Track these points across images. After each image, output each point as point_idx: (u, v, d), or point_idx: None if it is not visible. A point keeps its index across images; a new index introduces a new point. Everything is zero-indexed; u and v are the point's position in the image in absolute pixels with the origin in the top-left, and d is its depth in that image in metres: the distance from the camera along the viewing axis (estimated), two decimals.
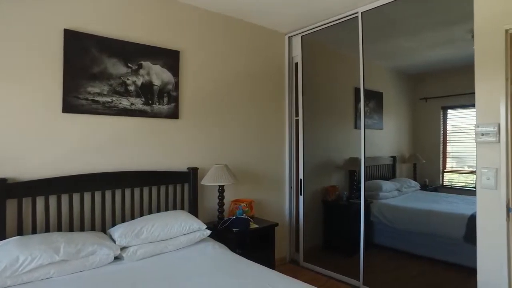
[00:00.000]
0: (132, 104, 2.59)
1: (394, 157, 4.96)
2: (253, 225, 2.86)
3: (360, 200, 3.15)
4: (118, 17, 2.56)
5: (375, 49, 4.29)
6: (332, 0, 2.93)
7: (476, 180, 2.15)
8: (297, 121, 3.68)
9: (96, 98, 2.41)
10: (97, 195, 2.42)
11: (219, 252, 2.37)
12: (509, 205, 1.99)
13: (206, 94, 3.09)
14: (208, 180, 2.80)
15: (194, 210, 2.87)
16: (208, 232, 2.50)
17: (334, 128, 4.12)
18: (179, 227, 2.37)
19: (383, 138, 4.87)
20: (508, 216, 1.99)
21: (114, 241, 2.14)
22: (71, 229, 2.30)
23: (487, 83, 2.07)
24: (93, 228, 2.39)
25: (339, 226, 3.81)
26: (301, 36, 3.64)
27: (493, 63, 2.03)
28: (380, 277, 3.29)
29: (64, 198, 2.28)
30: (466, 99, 3.05)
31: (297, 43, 3.69)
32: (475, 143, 2.13)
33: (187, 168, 2.91)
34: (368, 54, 4.27)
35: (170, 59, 2.81)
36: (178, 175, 2.84)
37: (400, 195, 4.35)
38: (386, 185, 4.23)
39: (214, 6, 3.06)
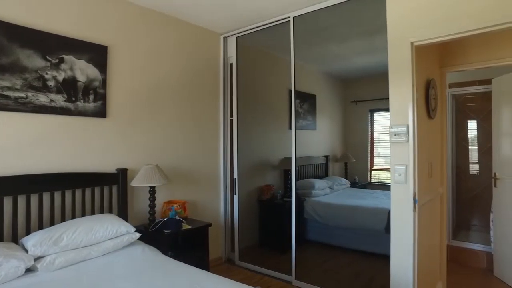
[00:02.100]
0: (52, 100, 2.40)
1: (327, 157, 5.24)
2: (186, 226, 2.82)
3: (289, 198, 3.26)
4: (33, 4, 2.34)
5: (308, 53, 4.49)
6: (265, 4, 3.01)
7: (391, 176, 2.36)
8: (231, 121, 3.71)
9: (6, 93, 2.19)
10: (7, 202, 2.19)
11: (148, 255, 2.30)
12: (415, 197, 2.22)
13: (137, 92, 2.98)
14: (138, 181, 2.71)
15: (123, 213, 2.75)
16: (138, 235, 2.41)
17: (269, 129, 4.22)
18: (105, 231, 2.25)
19: (316, 139, 5.11)
20: (414, 207, 2.22)
21: (27, 251, 1.96)
22: None
23: (398, 89, 2.28)
24: (0, 239, 2.15)
25: (274, 224, 3.92)
26: (236, 37, 3.68)
27: (403, 72, 2.25)
28: (312, 271, 3.45)
29: None
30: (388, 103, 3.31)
31: (232, 44, 3.72)
32: None
33: (116, 169, 2.78)
34: (301, 58, 4.45)
35: (96, 54, 2.66)
36: (106, 176, 2.70)
37: (332, 193, 4.60)
38: (319, 183, 4.44)
39: (147, 2, 2.96)
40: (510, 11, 1.89)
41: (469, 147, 4.61)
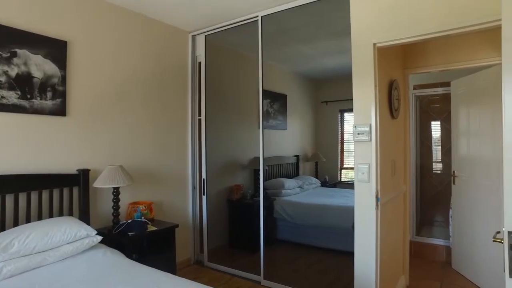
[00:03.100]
0: (3, 97, 2.26)
1: (297, 156, 5.29)
2: (151, 228, 2.75)
3: (259, 198, 3.26)
4: None
5: (277, 53, 4.51)
6: (234, 2, 2.99)
7: (354, 175, 2.40)
8: (200, 120, 3.66)
9: None
10: None
11: (110, 258, 2.21)
12: (377, 195, 2.28)
13: (101, 90, 2.87)
14: (101, 182, 2.61)
15: (85, 216, 2.64)
16: (99, 238, 2.32)
17: (239, 128, 4.21)
18: (63, 235, 2.14)
19: (287, 138, 5.16)
20: (376, 204, 2.28)
21: None
22: None
23: (361, 89, 2.33)
24: None
25: (244, 224, 3.91)
26: (205, 36, 3.63)
27: (365, 72, 2.30)
28: (280, 270, 3.47)
29: None
30: None
31: (200, 43, 3.67)
32: None
33: (77, 170, 2.66)
34: (271, 57, 4.46)
35: (55, 49, 2.54)
36: (66, 177, 2.58)
37: (302, 192, 4.65)
38: (289, 182, 4.48)
39: None
40: (465, 17, 1.97)
41: (433, 146, 4.80)
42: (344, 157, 5.73)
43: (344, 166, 5.78)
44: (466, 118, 3.39)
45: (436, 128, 4.80)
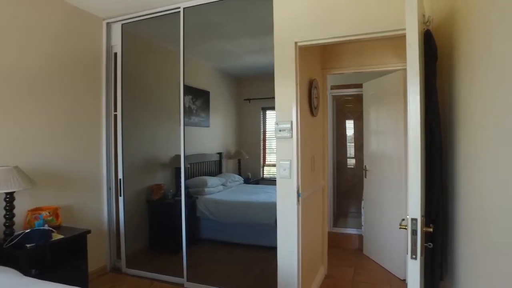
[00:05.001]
0: None
1: (220, 154, 5.25)
2: (57, 236, 2.43)
3: (180, 197, 3.12)
4: None
5: (201, 48, 4.39)
6: None
7: (276, 172, 2.43)
8: (115, 116, 3.36)
9: None
10: None
11: None
12: (299, 191, 2.34)
13: None
14: None
15: None
16: None
17: (160, 125, 3.99)
18: None
19: (210, 136, 5.07)
20: (298, 200, 2.34)
21: None
22: None
23: (283, 87, 2.37)
24: None
25: (165, 225, 3.72)
26: (122, 24, 3.34)
27: (287, 70, 2.35)
28: (205, 270, 3.38)
29: None
30: None
31: (117, 31, 3.37)
32: None
33: None
34: (194, 52, 4.32)
35: None
36: None
37: (225, 190, 4.62)
38: (212, 180, 4.40)
39: None
40: (377, 24, 2.13)
41: (347, 143, 5.18)
42: (266, 154, 5.88)
43: (266, 163, 5.93)
44: (376, 118, 3.72)
45: (350, 126, 5.20)
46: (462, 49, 1.52)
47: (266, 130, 5.82)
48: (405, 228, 1.42)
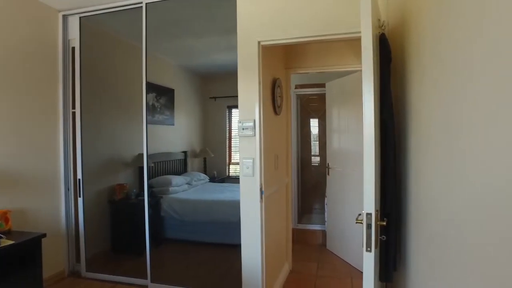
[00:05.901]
0: None
1: (185, 152, 5.18)
2: (6, 242, 2.28)
3: (144, 196, 3.05)
4: None
5: (165, 45, 4.31)
6: None
7: (239, 170, 2.45)
8: (74, 114, 3.22)
9: None
10: None
11: None
12: (262, 188, 2.37)
13: None
14: None
15: None
16: None
17: (122, 123, 3.87)
18: None
19: (174, 134, 4.99)
20: (261, 197, 2.37)
21: None
22: None
23: (246, 85, 2.38)
24: None
25: (128, 226, 3.62)
26: (80, 17, 3.19)
27: (250, 69, 2.36)
28: (169, 270, 3.33)
29: None
30: None
31: (74, 25, 3.22)
32: None
33: None
34: (157, 49, 4.23)
35: None
36: None
37: (190, 188, 4.56)
38: (176, 179, 4.34)
39: None
40: (336, 26, 2.20)
41: (312, 141, 5.31)
42: (232, 152, 5.87)
43: (232, 161, 5.93)
44: (338, 117, 3.84)
45: (314, 125, 5.32)
46: (413, 49, 1.61)
47: (232, 128, 5.82)
48: (361, 223, 1.49)
